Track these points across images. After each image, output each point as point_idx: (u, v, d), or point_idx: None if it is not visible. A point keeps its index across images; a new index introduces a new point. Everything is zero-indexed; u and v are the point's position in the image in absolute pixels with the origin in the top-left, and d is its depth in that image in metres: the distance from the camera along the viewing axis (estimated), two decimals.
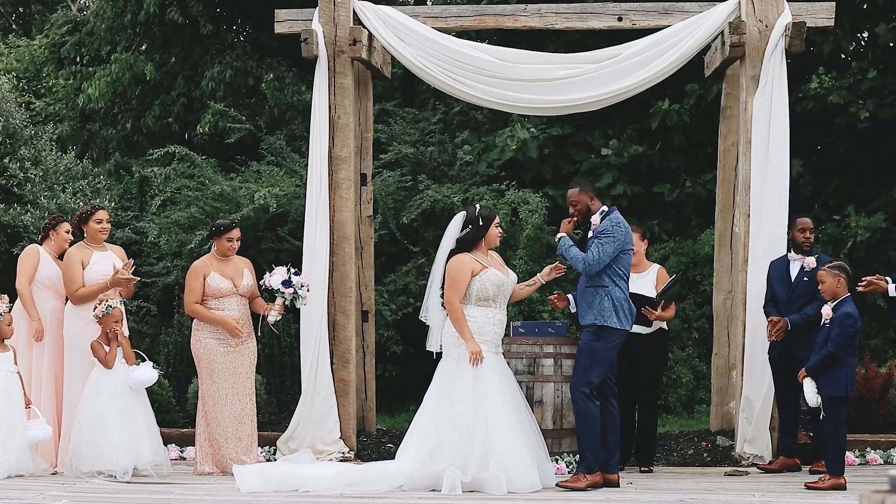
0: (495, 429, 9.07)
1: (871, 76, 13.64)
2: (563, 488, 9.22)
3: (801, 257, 10.39)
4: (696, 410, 13.55)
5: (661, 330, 10.65)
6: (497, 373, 9.28)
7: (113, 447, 9.84)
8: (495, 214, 9.56)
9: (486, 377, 9.21)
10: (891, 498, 3.77)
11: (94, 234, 10.62)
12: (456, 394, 9.21)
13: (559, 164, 15.14)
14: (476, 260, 9.39)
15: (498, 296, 9.39)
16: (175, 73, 16.92)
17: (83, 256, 10.49)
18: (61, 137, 17.21)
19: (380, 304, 13.29)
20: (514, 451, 9.06)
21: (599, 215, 9.48)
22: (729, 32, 10.97)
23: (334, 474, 9.34)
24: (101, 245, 10.66)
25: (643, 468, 10.58)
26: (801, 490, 9.32)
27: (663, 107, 14.43)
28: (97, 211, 10.69)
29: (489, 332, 9.34)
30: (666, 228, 14.98)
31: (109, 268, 10.51)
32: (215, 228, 10.56)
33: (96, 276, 10.43)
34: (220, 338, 10.35)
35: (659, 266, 10.89)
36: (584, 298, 9.44)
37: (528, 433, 9.27)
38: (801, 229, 10.46)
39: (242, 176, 14.82)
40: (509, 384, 9.36)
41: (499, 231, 9.56)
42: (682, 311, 14.12)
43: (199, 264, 10.51)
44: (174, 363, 13.37)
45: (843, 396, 9.32)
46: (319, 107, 11.15)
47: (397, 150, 14.93)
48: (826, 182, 14.57)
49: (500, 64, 11.23)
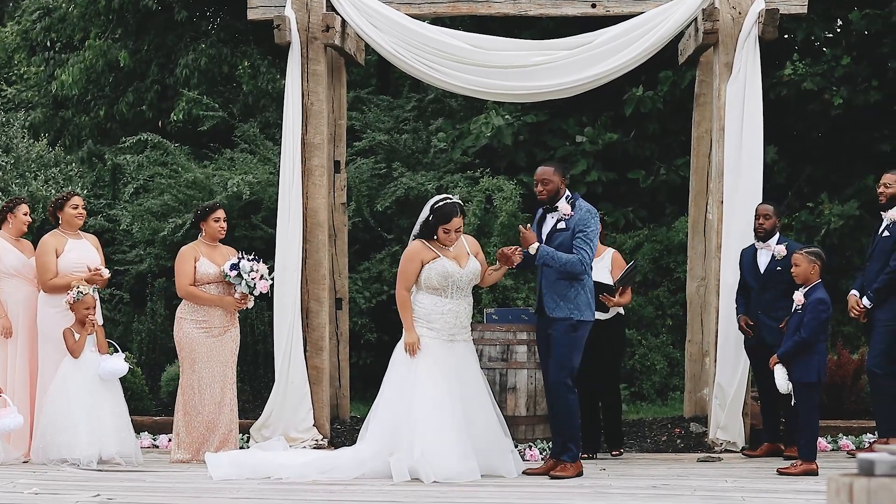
0: (416, 417, 9.05)
1: (845, 63, 13.67)
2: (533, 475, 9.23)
3: (767, 245, 10.38)
4: (669, 397, 13.58)
5: (619, 315, 10.63)
6: (439, 361, 9.21)
7: (78, 435, 9.78)
8: (450, 217, 9.23)
9: (421, 366, 9.19)
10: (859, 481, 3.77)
11: (69, 220, 10.52)
12: (391, 381, 9.31)
13: (534, 151, 15.13)
14: (429, 248, 9.31)
15: (447, 287, 9.29)
16: (149, 60, 16.83)
17: (57, 244, 10.40)
18: (33, 125, 17.12)
19: (353, 292, 13.27)
20: (439, 442, 9.00)
21: (566, 201, 9.39)
22: (702, 19, 10.97)
23: (306, 462, 9.33)
24: (75, 233, 10.57)
25: (614, 452, 10.57)
26: (774, 476, 9.36)
27: (638, 93, 14.43)
28: (73, 197, 10.60)
29: (437, 320, 9.28)
30: (640, 216, 15.00)
31: (84, 256, 10.44)
32: (201, 211, 10.46)
33: (70, 264, 10.34)
34: (204, 326, 10.28)
35: (614, 250, 10.85)
36: (555, 290, 9.28)
37: (472, 424, 9.18)
38: (756, 215, 10.46)
39: (216, 163, 14.76)
40: (458, 373, 9.27)
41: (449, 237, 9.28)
42: (655, 298, 14.15)
43: (188, 249, 10.42)
44: (147, 351, 13.32)
45: (815, 382, 9.35)
46: (292, 93, 11.10)
47: (371, 138, 14.89)
48: (800, 169, 14.60)
49: (474, 51, 11.20)
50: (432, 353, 9.22)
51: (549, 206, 9.43)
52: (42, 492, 8.41)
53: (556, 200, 9.38)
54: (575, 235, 9.26)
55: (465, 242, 9.53)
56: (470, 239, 9.67)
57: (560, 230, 9.32)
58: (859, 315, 10.36)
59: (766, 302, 10.25)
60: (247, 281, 10.15)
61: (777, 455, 10.40)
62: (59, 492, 8.46)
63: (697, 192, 11.99)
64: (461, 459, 9.03)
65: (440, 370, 9.20)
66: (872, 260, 10.42)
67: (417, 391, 9.15)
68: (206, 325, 10.32)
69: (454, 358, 9.30)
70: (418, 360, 9.20)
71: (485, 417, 9.33)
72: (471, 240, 9.67)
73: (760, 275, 10.33)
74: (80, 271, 10.33)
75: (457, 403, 9.15)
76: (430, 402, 9.09)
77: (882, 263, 10.29)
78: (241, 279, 10.17)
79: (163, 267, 13.90)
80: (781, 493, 8.47)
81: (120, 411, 10.15)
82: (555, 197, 9.38)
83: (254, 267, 10.18)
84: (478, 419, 9.27)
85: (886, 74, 13.79)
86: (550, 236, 9.37)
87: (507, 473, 9.25)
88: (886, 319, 10.25)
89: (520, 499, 8.25)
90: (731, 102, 10.85)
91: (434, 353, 9.22)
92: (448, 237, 9.28)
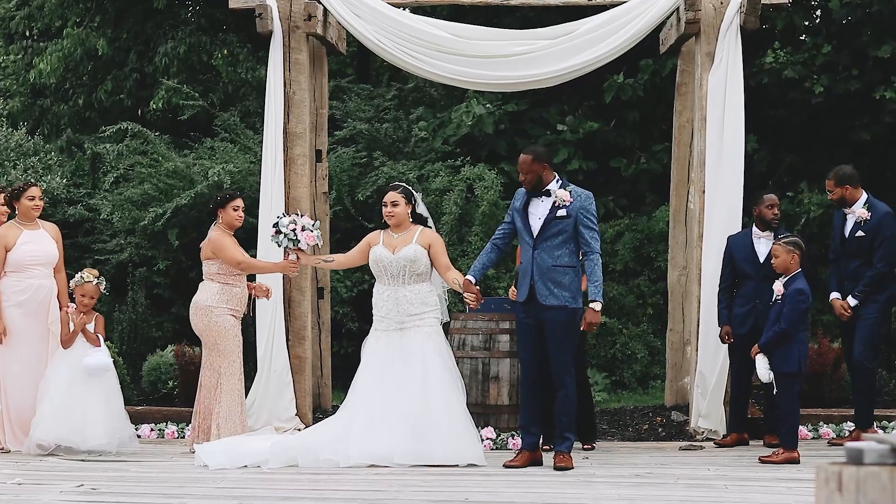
0: (350, 401, 9.54)
1: (825, 52, 13.71)
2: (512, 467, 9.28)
3: (767, 234, 10.40)
4: (650, 386, 13.62)
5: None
6: (378, 349, 9.58)
7: (77, 422, 9.77)
8: (385, 192, 9.97)
9: (365, 354, 9.70)
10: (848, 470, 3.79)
11: (26, 211, 10.35)
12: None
13: (515, 140, 15.13)
14: (380, 234, 9.84)
15: (381, 273, 9.71)
16: (127, 48, 16.74)
17: (9, 239, 10.21)
18: (11, 113, 17.01)
19: (335, 281, 13.26)
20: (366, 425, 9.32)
21: (557, 185, 9.26)
22: (684, 9, 10.99)
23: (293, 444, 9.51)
24: (33, 223, 10.40)
25: (586, 445, 10.35)
26: (756, 464, 9.41)
27: (618, 80, 14.44)
28: (30, 188, 10.38)
29: (382, 307, 9.68)
30: (620, 204, 15.02)
31: (40, 248, 10.29)
32: (220, 198, 10.19)
33: (24, 256, 10.21)
34: (234, 312, 10.09)
35: None
36: (549, 277, 9.13)
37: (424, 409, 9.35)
38: (769, 206, 10.43)
39: (196, 153, 14.71)
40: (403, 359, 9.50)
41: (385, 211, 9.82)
42: (636, 287, 14.18)
43: (220, 235, 10.08)
44: (128, 341, 13.29)
45: (796, 372, 9.40)
46: (274, 82, 11.08)
47: (352, 127, 14.88)
48: (780, 158, 14.65)
49: (456, 40, 11.21)
50: (377, 339, 9.65)
51: (535, 191, 9.28)
52: (25, 482, 8.40)
53: (542, 186, 9.27)
54: (582, 224, 9.16)
55: (417, 234, 9.68)
56: (427, 231, 9.77)
57: (560, 217, 9.14)
58: (848, 316, 10.37)
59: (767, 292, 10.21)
60: (287, 234, 9.85)
61: (743, 445, 10.46)
62: (42, 482, 8.44)
63: (679, 181, 12.02)
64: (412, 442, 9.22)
65: (383, 357, 9.55)
66: (848, 258, 10.41)
67: (357, 379, 9.63)
68: (236, 311, 10.11)
69: (401, 343, 9.54)
70: (366, 348, 9.72)
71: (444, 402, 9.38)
72: (428, 232, 9.78)
73: (760, 264, 10.35)
74: (35, 263, 10.21)
75: (393, 389, 9.41)
76: (364, 390, 9.49)
77: (862, 261, 10.32)
78: (281, 236, 9.88)
79: (143, 256, 13.86)
80: (764, 482, 8.51)
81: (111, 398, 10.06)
82: (539, 183, 9.26)
83: (293, 220, 9.89)
84: (435, 403, 9.35)
85: (866, 63, 13.84)
86: (548, 224, 9.16)
87: (478, 461, 9.28)
88: (871, 312, 10.32)
89: (505, 487, 8.26)
90: (713, 92, 10.88)
91: (378, 341, 9.63)
92: (385, 210, 9.79)
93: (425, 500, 7.78)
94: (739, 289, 10.48)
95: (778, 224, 10.50)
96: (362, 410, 9.40)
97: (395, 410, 9.32)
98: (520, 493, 8.05)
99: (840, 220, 10.57)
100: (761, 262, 10.33)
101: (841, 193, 10.41)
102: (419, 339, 9.54)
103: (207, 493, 8.09)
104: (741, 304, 10.42)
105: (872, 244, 10.29)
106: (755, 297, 10.32)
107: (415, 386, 9.40)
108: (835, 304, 10.43)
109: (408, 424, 9.27)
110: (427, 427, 9.29)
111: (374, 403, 9.38)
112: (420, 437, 9.24)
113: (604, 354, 13.73)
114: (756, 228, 10.49)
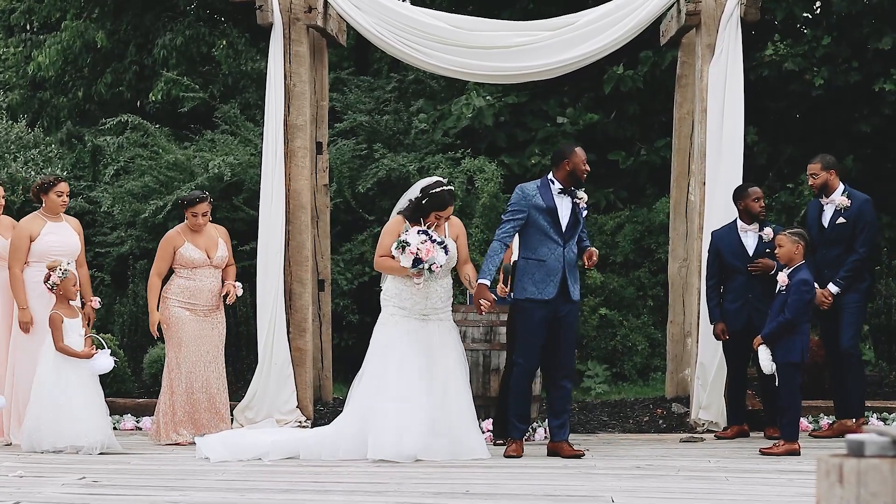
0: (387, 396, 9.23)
1: (826, 43, 13.70)
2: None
3: (754, 227, 10.42)
4: (651, 378, 13.63)
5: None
6: (411, 340, 9.33)
7: (81, 421, 9.64)
8: (445, 205, 9.34)
9: (395, 345, 9.35)
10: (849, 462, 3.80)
11: (53, 205, 10.49)
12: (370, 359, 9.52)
13: (515, 132, 15.13)
14: (404, 221, 9.41)
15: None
16: (127, 40, 16.72)
17: (33, 229, 10.33)
18: (11, 106, 16.99)
19: (336, 273, 13.27)
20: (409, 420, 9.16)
21: None
22: (685, 1, 10.98)
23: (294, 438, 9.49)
24: (57, 216, 10.54)
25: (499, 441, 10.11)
26: (757, 455, 9.42)
27: (618, 71, 14.43)
28: (59, 183, 10.56)
29: (408, 300, 9.36)
30: (621, 196, 15.02)
31: (63, 239, 10.40)
32: (181, 202, 10.51)
33: (48, 247, 10.28)
34: (189, 306, 10.31)
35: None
36: (574, 274, 9.45)
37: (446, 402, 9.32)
38: (755, 199, 10.43)
39: (196, 145, 14.71)
40: (431, 351, 9.37)
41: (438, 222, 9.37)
42: (637, 279, 14.18)
43: (172, 234, 10.46)
44: (129, 333, 13.29)
45: (798, 363, 9.41)
46: (275, 75, 11.07)
47: (352, 119, 14.87)
48: (780, 150, 14.65)
49: (456, 31, 11.20)
50: (401, 330, 9.32)
51: (565, 190, 9.47)
52: (27, 475, 8.40)
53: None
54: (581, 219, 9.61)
55: (447, 225, 9.55)
56: (454, 221, 9.67)
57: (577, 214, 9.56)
58: (829, 304, 10.37)
59: (758, 286, 10.27)
60: (422, 258, 9.17)
61: (744, 437, 10.47)
62: (43, 475, 8.45)
63: (679, 173, 12.02)
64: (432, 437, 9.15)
65: (409, 349, 9.28)
66: (828, 247, 10.41)
67: (385, 370, 9.27)
68: (193, 306, 10.34)
69: (426, 335, 9.37)
70: (393, 340, 9.31)
71: (456, 397, 9.37)
72: (455, 222, 9.67)
73: (748, 257, 10.36)
74: (57, 254, 10.23)
75: (427, 382, 9.24)
76: (395, 380, 9.21)
77: (843, 249, 10.33)
78: (414, 259, 9.19)
79: (144, 249, 13.85)
80: (764, 473, 8.51)
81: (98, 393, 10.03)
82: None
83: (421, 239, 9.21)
84: (449, 399, 9.32)
85: (866, 55, 13.83)
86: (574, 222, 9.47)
87: (482, 454, 9.30)
88: (855, 300, 10.34)
89: (506, 480, 8.27)
90: (714, 84, 10.88)
91: (407, 332, 9.31)
92: (439, 223, 9.35)
93: (427, 492, 7.80)
94: (728, 283, 10.46)
95: (765, 216, 10.52)
96: (388, 403, 9.16)
97: (421, 405, 9.18)
98: (521, 485, 8.06)
99: (816, 211, 10.57)
100: (750, 255, 10.35)
101: (826, 178, 10.43)
102: (443, 332, 9.48)
103: (209, 485, 8.09)
104: (732, 300, 10.41)
105: (854, 230, 10.31)
106: (746, 291, 10.33)
107: (437, 381, 9.34)
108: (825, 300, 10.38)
109: (431, 419, 9.21)
110: (448, 424, 9.28)
111: (399, 396, 9.17)
112: (437, 433, 9.23)
113: (604, 346, 13.73)
114: (741, 222, 10.46)
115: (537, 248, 9.40)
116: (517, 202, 9.45)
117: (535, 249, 9.41)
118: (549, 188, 9.45)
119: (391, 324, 9.40)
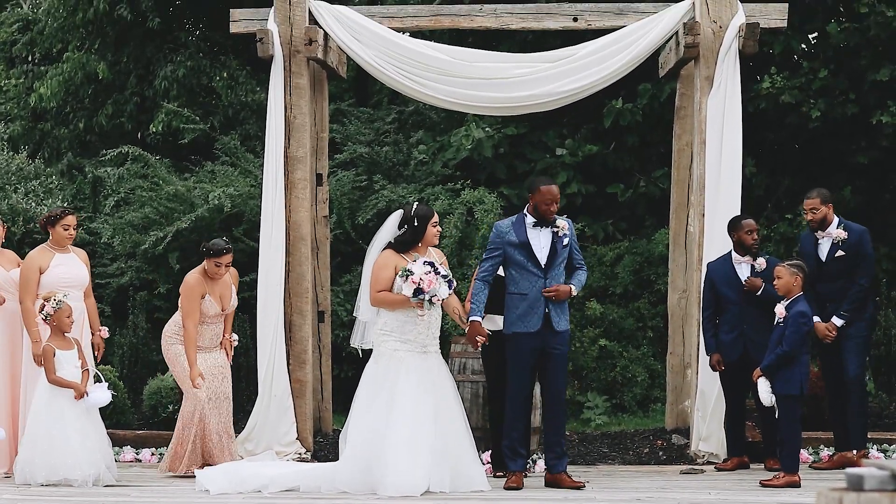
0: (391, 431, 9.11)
1: (822, 76, 13.75)
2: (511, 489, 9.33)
3: (748, 259, 10.45)
4: (651, 409, 13.61)
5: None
6: (414, 375, 9.24)
7: (73, 455, 9.57)
8: (432, 213, 9.50)
9: (398, 380, 9.23)
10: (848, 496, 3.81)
11: (60, 238, 10.46)
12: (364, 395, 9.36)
13: (514, 163, 15.16)
14: (402, 258, 9.34)
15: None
16: (128, 72, 16.79)
17: (42, 261, 10.32)
18: (12, 137, 17.03)
19: (335, 305, 13.26)
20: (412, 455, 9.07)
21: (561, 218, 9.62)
22: (683, 33, 11.04)
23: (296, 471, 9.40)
24: (64, 248, 10.52)
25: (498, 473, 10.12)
26: (757, 487, 9.42)
27: (617, 105, 14.49)
28: (67, 216, 10.51)
29: (411, 331, 9.30)
30: (620, 228, 15.05)
31: (72, 271, 10.39)
32: (206, 250, 10.30)
33: (56, 279, 10.26)
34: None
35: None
36: (559, 304, 9.49)
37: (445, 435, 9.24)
38: (748, 231, 10.45)
39: (197, 176, 14.74)
40: (433, 385, 9.31)
41: (437, 230, 9.51)
42: (636, 310, 14.19)
43: (194, 284, 10.23)
44: (129, 365, 13.28)
45: (797, 394, 9.42)
46: (275, 107, 11.12)
47: (352, 150, 14.91)
48: (778, 181, 14.68)
49: (456, 63, 11.25)
50: (407, 366, 9.24)
51: (541, 222, 9.52)
52: None
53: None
54: (572, 249, 9.61)
55: (434, 254, 9.58)
56: (436, 251, 9.73)
57: (563, 246, 9.54)
58: (833, 337, 10.37)
59: (752, 317, 10.29)
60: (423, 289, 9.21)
61: (744, 468, 10.46)
62: None
63: (678, 204, 12.05)
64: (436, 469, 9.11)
65: (416, 383, 9.22)
66: (828, 280, 10.39)
67: (394, 405, 9.17)
68: (198, 347, 10.27)
69: (427, 370, 9.33)
70: (394, 375, 9.23)
71: (456, 429, 9.35)
72: (437, 252, 9.73)
73: (743, 289, 10.38)
74: (67, 286, 10.23)
75: (431, 416, 9.19)
76: (405, 416, 9.11)
77: (843, 281, 10.35)
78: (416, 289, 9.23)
79: (144, 280, 13.87)
80: None
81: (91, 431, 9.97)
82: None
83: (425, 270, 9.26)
84: (449, 431, 9.30)
85: (863, 87, 13.87)
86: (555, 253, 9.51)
87: (483, 486, 9.28)
88: (860, 330, 10.36)
89: None
90: (712, 116, 10.92)
91: (409, 367, 9.24)
92: (434, 235, 9.46)
93: None
94: (723, 314, 10.49)
95: (758, 249, 10.54)
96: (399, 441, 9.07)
97: (430, 442, 9.12)
98: None
99: (811, 245, 10.56)
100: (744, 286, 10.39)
101: (825, 213, 10.45)
102: (440, 366, 9.49)
103: None
104: (727, 331, 10.44)
105: (853, 263, 10.33)
106: (741, 322, 10.37)
107: (448, 412, 9.33)
108: (818, 328, 10.31)
109: (437, 452, 9.17)
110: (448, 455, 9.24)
111: (410, 434, 9.09)
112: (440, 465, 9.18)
113: (604, 377, 13.72)
114: (735, 254, 10.50)
115: (519, 281, 9.50)
116: (492, 240, 9.63)
117: (517, 283, 9.51)
118: (522, 223, 9.55)
119: (395, 360, 9.29)
